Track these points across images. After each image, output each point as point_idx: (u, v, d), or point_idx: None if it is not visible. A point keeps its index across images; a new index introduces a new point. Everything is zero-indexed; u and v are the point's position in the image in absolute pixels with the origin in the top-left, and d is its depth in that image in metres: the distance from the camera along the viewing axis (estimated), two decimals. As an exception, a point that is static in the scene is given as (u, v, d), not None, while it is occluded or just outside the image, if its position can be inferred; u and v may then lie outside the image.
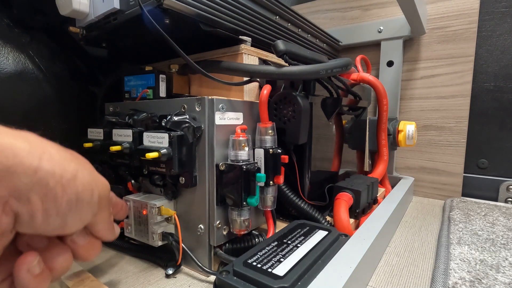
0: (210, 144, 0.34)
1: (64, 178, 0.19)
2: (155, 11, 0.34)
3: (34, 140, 0.19)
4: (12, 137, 0.17)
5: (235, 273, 0.27)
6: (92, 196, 0.21)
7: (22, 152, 0.17)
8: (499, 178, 0.69)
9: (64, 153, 0.20)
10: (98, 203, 0.21)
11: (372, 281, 0.36)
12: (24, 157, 0.17)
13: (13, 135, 0.17)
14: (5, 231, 0.17)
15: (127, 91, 0.46)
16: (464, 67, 0.67)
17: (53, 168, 0.18)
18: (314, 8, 0.88)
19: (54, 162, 0.18)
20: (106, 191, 0.23)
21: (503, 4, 0.67)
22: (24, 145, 0.17)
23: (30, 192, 0.17)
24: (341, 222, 0.41)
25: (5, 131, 0.17)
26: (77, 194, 0.19)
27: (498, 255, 0.39)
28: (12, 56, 0.42)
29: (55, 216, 0.19)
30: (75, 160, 0.21)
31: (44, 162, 0.18)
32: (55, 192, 0.18)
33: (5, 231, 0.17)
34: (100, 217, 0.23)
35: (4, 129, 0.18)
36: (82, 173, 0.20)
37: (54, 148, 0.20)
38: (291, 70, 0.37)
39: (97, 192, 0.21)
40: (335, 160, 0.55)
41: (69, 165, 0.19)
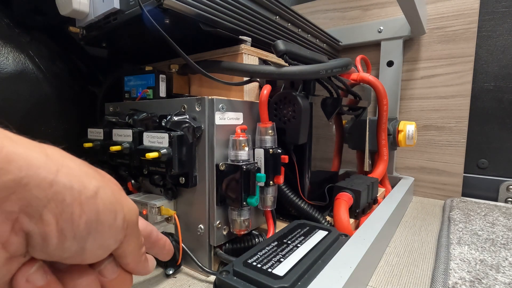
0: (210, 144, 0.34)
1: (83, 194, 0.16)
2: (155, 11, 0.34)
3: (53, 152, 0.17)
4: (28, 147, 0.15)
5: (235, 273, 0.27)
6: (115, 218, 0.18)
7: (37, 163, 0.15)
8: (499, 178, 0.69)
9: (85, 168, 0.18)
10: (122, 228, 0.19)
11: (372, 281, 0.36)
12: (39, 168, 0.15)
13: (29, 145, 0.16)
14: (15, 253, 0.15)
15: (127, 91, 0.46)
16: (464, 67, 0.67)
17: (71, 183, 0.16)
18: (314, 8, 0.88)
19: (72, 176, 0.16)
20: (134, 216, 0.20)
21: (503, 4, 0.67)
22: (40, 156, 0.15)
23: (44, 209, 0.15)
24: (341, 222, 0.41)
25: (22, 140, 0.16)
26: (97, 214, 0.17)
27: (498, 255, 0.39)
28: (12, 56, 0.42)
29: (72, 239, 0.16)
30: (98, 177, 0.19)
31: (61, 176, 0.16)
32: (72, 210, 0.16)
33: (15, 253, 0.15)
34: (128, 247, 0.20)
35: (21, 139, 0.16)
36: (104, 192, 0.18)
37: (75, 162, 0.18)
38: (291, 70, 0.37)
39: (121, 215, 0.19)
40: (335, 160, 0.55)
41: (90, 182, 0.17)
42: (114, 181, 0.21)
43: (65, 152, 0.18)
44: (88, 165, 0.19)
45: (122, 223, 0.19)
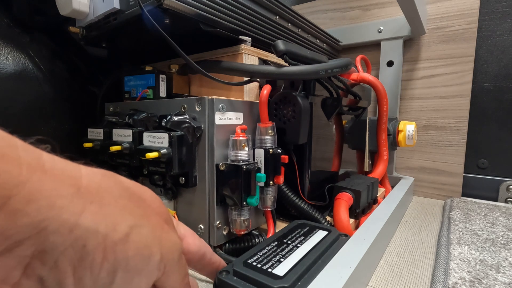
0: (210, 144, 0.34)
1: (109, 239, 0.14)
2: (155, 11, 0.34)
3: (88, 183, 0.15)
4: (58, 180, 0.13)
5: (235, 273, 0.27)
6: (148, 262, 0.16)
7: (61, 203, 0.13)
8: (499, 178, 0.69)
9: (124, 201, 0.16)
10: (158, 269, 0.17)
11: (372, 281, 0.36)
12: (62, 208, 0.13)
13: (62, 176, 0.14)
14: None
15: (127, 91, 0.46)
16: (464, 67, 0.67)
17: (97, 226, 0.14)
18: (314, 8, 0.88)
19: (101, 216, 0.14)
20: (174, 254, 0.18)
21: (503, 4, 0.67)
22: (68, 191, 0.13)
23: (60, 256, 0.13)
24: (341, 222, 0.41)
25: (54, 169, 0.13)
26: (126, 260, 0.15)
27: (498, 255, 0.39)
28: (12, 56, 0.42)
29: (92, 286, 0.14)
30: (137, 211, 0.16)
31: (86, 217, 0.14)
32: (93, 257, 0.14)
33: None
34: (168, 281, 0.18)
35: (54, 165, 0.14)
36: (138, 233, 0.16)
37: (112, 193, 0.16)
38: (291, 70, 0.37)
39: (157, 256, 0.17)
40: (335, 160, 0.55)
41: (123, 220, 0.15)
42: (159, 210, 0.19)
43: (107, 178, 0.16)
44: (131, 194, 0.17)
45: (157, 265, 0.17)
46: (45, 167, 0.13)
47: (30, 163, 0.13)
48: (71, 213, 0.13)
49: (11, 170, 0.12)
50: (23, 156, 0.12)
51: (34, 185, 0.12)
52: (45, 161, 0.13)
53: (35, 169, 0.13)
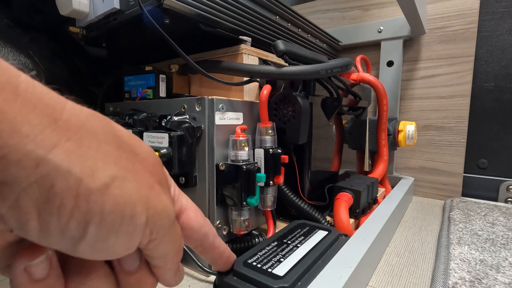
0: (210, 144, 0.34)
1: (83, 185, 0.12)
2: (155, 11, 0.34)
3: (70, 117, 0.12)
4: (31, 106, 0.11)
5: (235, 273, 0.27)
6: (130, 220, 0.13)
7: (28, 130, 0.11)
8: (499, 178, 0.69)
9: (109, 148, 0.13)
10: (143, 232, 0.14)
11: (372, 281, 0.36)
12: (27, 137, 0.11)
13: (36, 103, 0.11)
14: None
15: (127, 91, 0.46)
16: (464, 67, 0.67)
17: (70, 166, 0.11)
18: (314, 8, 0.88)
19: (76, 156, 0.12)
20: (164, 220, 0.15)
21: (503, 4, 0.67)
22: (40, 120, 0.11)
23: (22, 192, 0.11)
24: (341, 222, 0.41)
25: (33, 92, 0.11)
26: (101, 214, 0.12)
27: (498, 255, 0.39)
28: (12, 56, 0.42)
29: (59, 236, 0.12)
30: (124, 162, 0.14)
31: (57, 153, 0.11)
32: (61, 202, 0.11)
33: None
34: (156, 252, 0.16)
35: (36, 89, 0.12)
36: (121, 184, 0.13)
37: (96, 135, 0.13)
38: (291, 70, 0.37)
39: (143, 217, 0.14)
40: (335, 160, 0.55)
41: (104, 168, 0.13)
42: (154, 169, 0.16)
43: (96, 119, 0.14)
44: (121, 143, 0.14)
45: (142, 228, 0.14)
46: (18, 88, 0.11)
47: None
48: (38, 145, 0.11)
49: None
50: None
51: (1, 107, 0.10)
52: (20, 82, 0.11)
53: (3, 87, 0.11)
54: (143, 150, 0.16)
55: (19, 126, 0.11)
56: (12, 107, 0.10)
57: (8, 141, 0.10)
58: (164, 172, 0.18)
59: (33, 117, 0.11)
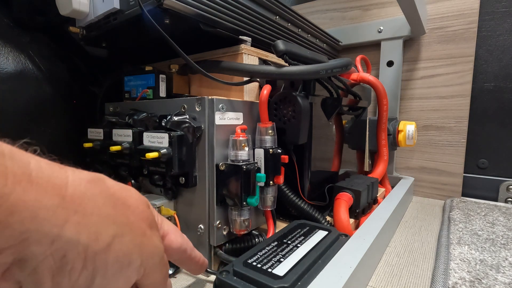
0: (210, 144, 0.34)
1: (90, 249, 0.15)
2: (155, 11, 0.34)
3: (73, 192, 0.15)
4: (42, 190, 0.13)
5: (235, 273, 0.27)
6: (128, 267, 0.17)
7: (44, 214, 0.13)
8: (499, 178, 0.69)
9: (107, 209, 0.16)
10: (137, 273, 0.18)
11: (372, 281, 0.36)
12: (44, 220, 0.13)
13: (46, 186, 0.14)
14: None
15: (127, 91, 0.46)
16: (464, 67, 0.67)
17: (78, 237, 0.14)
18: (314, 8, 0.88)
19: (83, 226, 0.14)
20: (156, 257, 0.19)
21: (503, 4, 0.67)
22: (52, 201, 0.14)
23: (39, 264, 0.13)
24: (341, 222, 0.41)
25: (40, 178, 0.14)
26: (104, 267, 0.15)
27: (498, 255, 0.39)
28: (12, 56, 0.42)
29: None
30: (121, 218, 0.17)
31: (68, 228, 0.14)
32: (72, 266, 0.14)
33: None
34: (147, 281, 0.19)
35: (41, 174, 0.14)
36: (120, 242, 0.16)
37: (96, 202, 0.16)
38: (291, 70, 0.37)
39: (138, 261, 0.17)
40: (335, 160, 0.55)
41: (105, 230, 0.16)
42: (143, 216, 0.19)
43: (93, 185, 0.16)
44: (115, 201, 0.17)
45: (137, 269, 0.17)
46: (31, 176, 0.13)
47: (16, 172, 0.13)
48: (53, 225, 0.13)
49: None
50: (9, 165, 0.13)
51: (18, 196, 0.12)
52: (32, 170, 0.13)
53: (20, 179, 0.13)
54: (132, 201, 0.19)
55: (37, 211, 0.13)
56: (29, 196, 0.13)
57: (30, 226, 0.13)
58: (151, 213, 0.20)
59: (47, 200, 0.13)
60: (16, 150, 0.13)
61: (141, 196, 0.20)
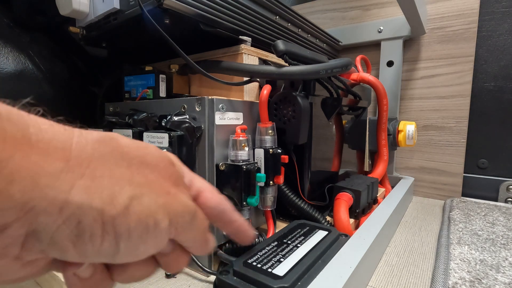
0: (210, 144, 0.34)
1: (106, 213, 0.13)
2: (155, 11, 0.34)
3: (79, 154, 0.13)
4: (45, 153, 0.12)
5: (235, 273, 0.27)
6: (155, 228, 0.15)
7: (46, 181, 0.12)
8: (499, 178, 0.69)
9: (121, 170, 0.15)
10: (167, 233, 0.16)
11: (372, 281, 0.36)
12: (47, 187, 0.12)
13: (48, 149, 0.12)
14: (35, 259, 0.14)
15: (127, 91, 0.46)
16: (464, 67, 0.67)
17: (90, 201, 0.13)
18: (314, 8, 0.88)
19: (93, 191, 0.13)
20: (186, 216, 0.17)
21: (503, 4, 0.67)
22: (55, 166, 0.12)
23: (55, 233, 0.12)
24: (341, 222, 0.41)
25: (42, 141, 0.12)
26: (128, 231, 0.14)
27: (498, 255, 0.39)
28: (12, 56, 0.42)
29: (96, 257, 0.14)
30: (137, 178, 0.15)
31: (76, 193, 0.13)
32: (91, 233, 0.13)
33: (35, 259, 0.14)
34: (183, 239, 0.18)
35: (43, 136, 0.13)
36: (140, 202, 0.15)
37: (107, 162, 0.14)
38: (291, 70, 0.37)
39: (165, 221, 0.16)
40: (335, 160, 0.55)
41: (121, 191, 0.14)
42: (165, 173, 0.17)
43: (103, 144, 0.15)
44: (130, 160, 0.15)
45: (166, 230, 0.16)
46: (31, 139, 0.12)
47: (14, 135, 0.12)
48: (59, 191, 0.12)
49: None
50: (8, 127, 0.11)
51: (17, 162, 0.11)
52: (32, 133, 0.12)
53: (20, 142, 0.12)
54: (152, 157, 0.17)
55: (38, 178, 0.12)
56: (30, 161, 0.12)
57: (32, 194, 0.12)
58: (175, 170, 0.18)
59: (48, 165, 0.12)
60: (15, 111, 0.12)
61: (163, 152, 0.19)
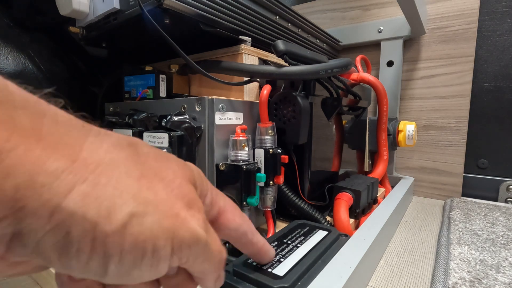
0: (210, 144, 0.34)
1: (99, 228, 0.12)
2: (155, 11, 0.34)
3: (88, 154, 0.12)
4: (51, 149, 0.11)
5: (235, 273, 0.27)
6: (152, 255, 0.13)
7: (43, 180, 0.11)
8: (499, 178, 0.69)
9: (130, 181, 0.13)
10: (170, 260, 0.14)
11: (372, 281, 0.36)
12: (43, 187, 0.11)
13: (58, 144, 0.11)
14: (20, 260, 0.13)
15: (127, 91, 0.46)
16: (464, 67, 0.67)
17: (84, 211, 0.11)
18: (314, 8, 0.88)
19: (92, 200, 0.12)
20: (194, 245, 0.15)
21: (503, 4, 0.67)
22: (56, 165, 0.11)
23: (41, 241, 0.11)
24: (341, 222, 0.41)
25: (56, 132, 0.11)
26: (120, 254, 0.12)
27: (498, 255, 0.39)
28: (12, 56, 0.42)
29: (82, 273, 0.12)
30: (146, 193, 0.13)
31: (72, 199, 0.11)
32: (78, 247, 0.12)
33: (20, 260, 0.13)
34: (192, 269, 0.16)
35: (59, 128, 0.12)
36: (140, 221, 0.13)
37: (117, 169, 0.13)
38: (291, 70, 0.37)
39: (167, 248, 0.14)
40: (335, 160, 0.55)
41: (122, 206, 0.12)
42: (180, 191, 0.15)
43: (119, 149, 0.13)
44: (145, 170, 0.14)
45: (166, 258, 0.14)
46: (42, 131, 0.11)
47: (24, 126, 0.11)
48: (54, 193, 0.11)
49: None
50: (18, 116, 0.11)
51: (19, 154, 0.10)
52: (44, 124, 0.11)
53: (28, 134, 0.11)
54: (169, 172, 0.15)
55: (36, 176, 0.11)
56: (32, 155, 0.11)
57: (26, 193, 0.10)
58: (191, 190, 0.16)
59: (51, 162, 0.11)
60: (33, 99, 0.11)
61: (185, 166, 0.17)
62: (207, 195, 0.19)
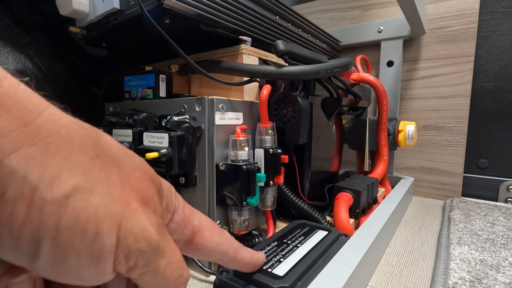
0: (210, 144, 0.34)
1: (38, 194, 0.11)
2: (155, 11, 0.34)
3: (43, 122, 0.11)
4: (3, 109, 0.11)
5: (235, 273, 0.27)
6: (94, 240, 0.12)
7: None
8: (499, 178, 0.69)
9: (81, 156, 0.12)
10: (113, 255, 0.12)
11: (372, 281, 0.36)
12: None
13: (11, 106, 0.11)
14: None
15: (127, 91, 0.46)
16: (464, 67, 0.67)
17: (26, 171, 0.11)
18: (314, 8, 0.88)
19: (37, 163, 0.11)
20: (143, 243, 0.13)
21: (503, 4, 0.67)
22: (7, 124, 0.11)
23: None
24: (341, 222, 0.41)
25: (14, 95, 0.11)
26: (56, 228, 0.11)
27: (498, 255, 0.39)
28: (12, 56, 0.42)
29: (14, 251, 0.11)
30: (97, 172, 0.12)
31: (15, 157, 0.10)
32: (12, 211, 0.10)
33: None
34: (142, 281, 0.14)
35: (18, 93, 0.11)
36: (85, 197, 0.12)
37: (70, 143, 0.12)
38: (291, 70, 0.37)
39: (112, 238, 0.12)
40: (335, 160, 0.55)
41: (67, 177, 0.11)
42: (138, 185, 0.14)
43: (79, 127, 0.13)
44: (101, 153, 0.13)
45: (110, 251, 0.12)
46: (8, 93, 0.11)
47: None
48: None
49: None
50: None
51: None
52: (2, 86, 0.11)
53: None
54: (130, 163, 0.14)
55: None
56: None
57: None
58: (151, 188, 0.15)
59: (1, 120, 0.10)
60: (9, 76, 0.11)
61: (152, 170, 0.16)
62: (177, 212, 0.17)
